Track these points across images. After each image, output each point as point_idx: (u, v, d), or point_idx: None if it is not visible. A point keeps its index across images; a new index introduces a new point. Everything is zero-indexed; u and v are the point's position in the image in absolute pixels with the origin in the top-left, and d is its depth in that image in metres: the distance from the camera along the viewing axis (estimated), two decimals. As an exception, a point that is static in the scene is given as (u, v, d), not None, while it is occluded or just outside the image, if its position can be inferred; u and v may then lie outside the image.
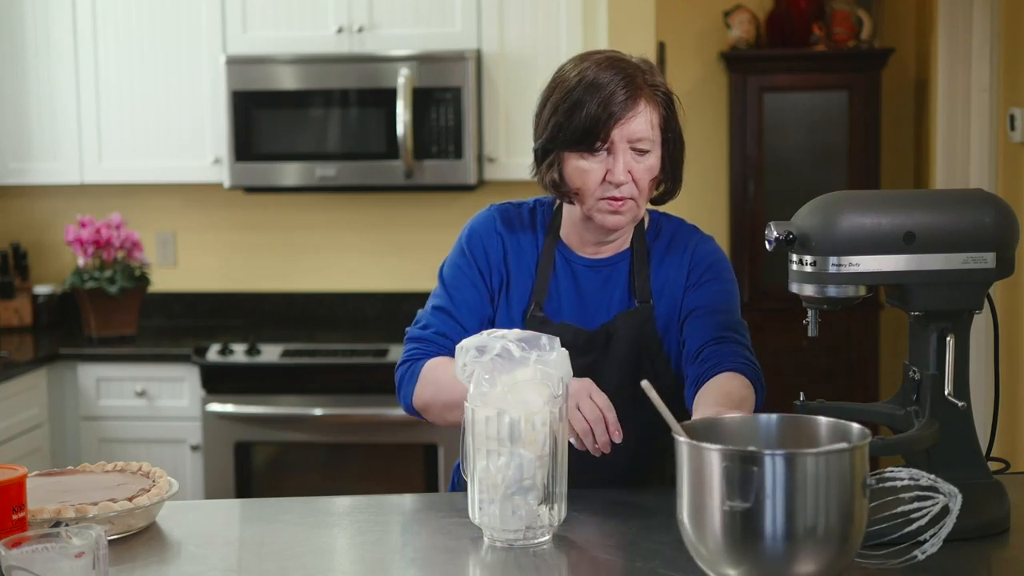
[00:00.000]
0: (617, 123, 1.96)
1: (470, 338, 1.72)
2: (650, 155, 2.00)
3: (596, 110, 1.96)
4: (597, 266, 2.11)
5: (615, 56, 2.03)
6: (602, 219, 2.02)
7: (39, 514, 1.71)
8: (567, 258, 2.11)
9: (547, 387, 1.68)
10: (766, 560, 1.41)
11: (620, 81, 1.97)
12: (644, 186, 2.01)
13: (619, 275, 2.11)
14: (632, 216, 2.03)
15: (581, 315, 2.08)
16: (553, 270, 2.10)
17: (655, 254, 2.12)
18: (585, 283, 2.10)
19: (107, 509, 1.74)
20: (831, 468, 1.41)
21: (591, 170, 1.99)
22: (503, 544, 1.70)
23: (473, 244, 2.14)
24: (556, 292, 2.09)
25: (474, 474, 1.70)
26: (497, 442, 1.67)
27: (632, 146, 1.98)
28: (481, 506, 1.70)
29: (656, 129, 2.00)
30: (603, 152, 1.98)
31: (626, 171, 1.98)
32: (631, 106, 1.96)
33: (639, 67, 2.01)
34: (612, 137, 1.97)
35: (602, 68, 1.99)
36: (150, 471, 1.92)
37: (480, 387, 1.69)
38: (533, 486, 1.68)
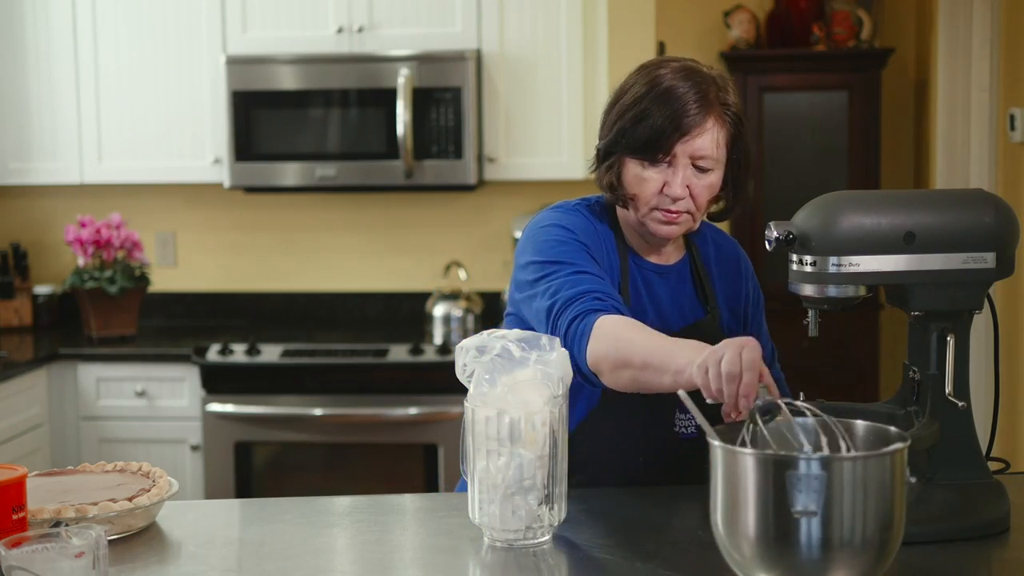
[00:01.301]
0: (682, 139, 1.94)
1: (470, 338, 1.72)
2: (712, 173, 1.98)
3: (663, 123, 1.93)
4: (665, 272, 2.09)
5: (691, 68, 1.98)
6: (655, 228, 2.00)
7: (39, 514, 1.71)
8: (639, 264, 2.08)
9: (547, 387, 1.68)
10: (801, 566, 1.39)
11: (692, 96, 1.93)
12: (702, 203, 1.99)
13: (683, 281, 2.10)
14: (686, 228, 2.03)
15: (659, 321, 2.03)
16: (630, 276, 2.06)
17: (709, 261, 2.13)
18: (657, 289, 2.07)
19: (107, 509, 1.74)
20: (869, 472, 1.39)
21: (650, 180, 1.97)
22: (503, 544, 1.70)
23: (581, 233, 1.99)
24: (636, 294, 2.05)
25: (474, 474, 1.70)
26: (497, 442, 1.67)
27: (694, 162, 1.96)
28: (481, 506, 1.70)
29: (721, 148, 1.98)
30: (664, 164, 1.96)
31: (684, 186, 1.96)
32: (699, 123, 1.93)
33: (715, 82, 1.97)
34: (675, 151, 1.95)
35: (677, 79, 1.95)
36: (150, 471, 1.92)
37: (480, 387, 1.69)
38: (533, 486, 1.67)
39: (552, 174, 4.30)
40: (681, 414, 2.01)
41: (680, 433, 2.02)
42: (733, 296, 2.13)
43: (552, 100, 4.25)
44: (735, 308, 2.13)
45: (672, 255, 2.10)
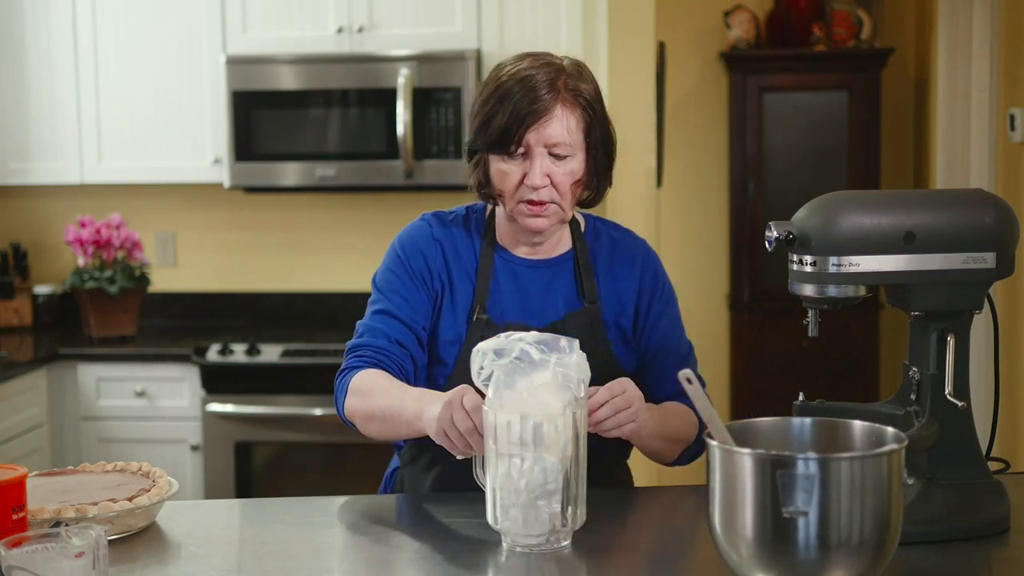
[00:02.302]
0: (530, 128, 1.97)
1: (487, 341, 1.72)
2: (571, 160, 2.00)
3: (511, 114, 1.96)
4: (539, 266, 2.11)
5: (539, 58, 2.02)
6: (524, 221, 2.03)
7: (39, 514, 1.71)
8: (507, 259, 2.11)
9: (567, 389, 1.67)
10: (799, 567, 1.39)
11: (537, 84, 1.97)
12: (565, 190, 2.01)
13: (564, 275, 2.11)
14: (557, 219, 2.04)
15: (526, 315, 2.07)
16: (493, 272, 2.09)
17: (600, 257, 2.13)
18: (527, 283, 2.09)
19: (107, 509, 1.74)
20: (867, 472, 1.39)
21: (510, 173, 2.01)
22: (524, 549, 1.69)
23: (410, 252, 2.11)
24: (498, 293, 2.08)
25: (495, 479, 1.69)
26: (520, 446, 1.66)
27: (550, 150, 1.98)
28: (502, 511, 1.69)
29: (576, 134, 1.99)
30: (520, 156, 1.99)
31: (543, 175, 1.98)
32: (546, 110, 1.96)
33: (564, 70, 2.00)
34: (527, 141, 1.97)
35: (523, 70, 1.99)
36: (150, 471, 1.92)
37: (499, 391, 1.68)
38: (556, 489, 1.66)
39: (552, 174, 4.30)
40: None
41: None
42: (625, 291, 2.12)
43: (552, 100, 4.24)
44: (625, 303, 2.11)
45: (552, 250, 2.12)
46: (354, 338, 2.10)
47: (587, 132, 2.01)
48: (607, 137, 2.06)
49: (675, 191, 5.31)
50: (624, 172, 4.08)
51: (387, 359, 2.04)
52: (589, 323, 2.07)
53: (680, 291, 5.88)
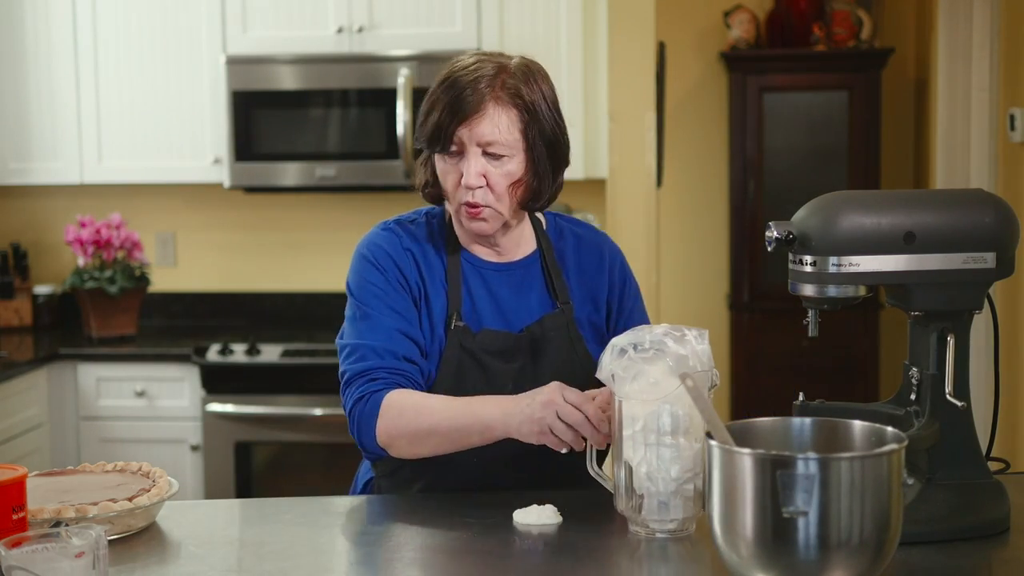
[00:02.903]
0: (460, 125, 1.94)
1: (621, 336, 1.74)
2: (509, 160, 1.96)
3: (444, 111, 1.95)
4: (507, 269, 2.08)
5: (483, 57, 1.99)
6: (467, 224, 2.00)
7: (39, 514, 1.71)
8: (474, 264, 2.07)
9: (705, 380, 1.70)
10: (799, 567, 1.39)
11: (471, 82, 1.94)
12: (501, 191, 1.97)
13: (533, 276, 2.08)
14: (498, 222, 2.00)
15: (501, 320, 2.04)
16: (463, 278, 2.05)
17: (567, 255, 2.10)
18: (498, 287, 2.06)
19: (107, 509, 1.74)
20: (867, 472, 1.39)
21: (448, 172, 1.99)
22: (663, 535, 1.72)
23: (385, 262, 2.03)
24: (470, 299, 2.04)
25: (636, 469, 1.71)
26: (670, 435, 1.70)
27: (484, 149, 1.95)
28: (646, 500, 1.71)
29: (512, 134, 1.95)
30: (458, 155, 1.97)
31: (478, 175, 1.95)
32: (476, 108, 1.93)
33: (505, 69, 1.97)
34: (460, 139, 1.95)
35: (462, 70, 1.97)
36: (150, 471, 1.92)
37: (633, 383, 1.71)
38: (695, 476, 1.70)
39: (552, 174, 4.30)
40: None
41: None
42: (595, 288, 2.10)
43: (552, 100, 4.24)
44: (597, 300, 2.10)
45: (516, 251, 2.09)
46: (351, 361, 1.99)
47: (524, 132, 1.97)
48: (553, 140, 2.00)
49: (675, 191, 5.31)
50: (624, 172, 4.08)
51: (405, 378, 1.96)
52: (565, 324, 2.05)
53: (680, 291, 5.88)
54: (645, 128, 4.06)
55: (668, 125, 5.07)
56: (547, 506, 1.82)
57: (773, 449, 1.50)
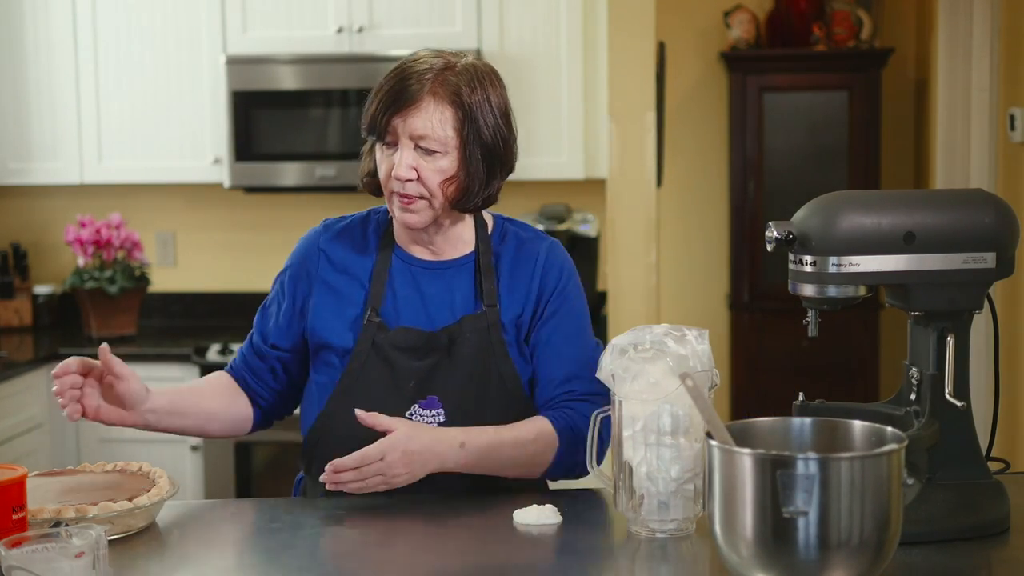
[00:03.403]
0: (396, 115, 1.95)
1: (622, 336, 1.74)
2: (441, 157, 1.97)
3: (382, 100, 1.97)
4: (438, 268, 2.08)
5: (431, 54, 2.01)
6: (398, 216, 2.02)
7: (39, 514, 1.71)
8: (406, 261, 2.08)
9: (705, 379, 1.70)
10: (799, 567, 1.39)
11: (412, 75, 1.96)
12: (432, 187, 1.98)
13: (463, 277, 2.08)
14: (428, 216, 2.01)
15: (422, 318, 2.04)
16: (389, 275, 2.07)
17: (504, 259, 2.09)
18: (426, 286, 2.07)
19: (107, 509, 1.74)
20: (867, 472, 1.39)
21: (383, 162, 2.01)
22: (663, 535, 1.72)
23: (293, 263, 2.15)
24: (393, 297, 2.06)
25: (636, 469, 1.71)
26: (670, 435, 1.70)
27: (416, 143, 1.96)
28: (642, 501, 1.71)
29: (447, 131, 1.96)
30: (393, 146, 1.98)
31: (408, 167, 1.96)
32: (412, 100, 1.95)
33: (451, 67, 1.98)
34: (395, 129, 1.96)
35: (410, 62, 1.99)
36: (150, 471, 1.92)
37: (633, 382, 1.71)
38: (695, 476, 1.70)
39: (552, 174, 4.30)
40: (422, 409, 2.00)
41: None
42: (526, 292, 2.07)
43: (552, 100, 4.25)
44: (526, 304, 2.07)
45: (452, 251, 2.09)
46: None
47: (459, 131, 1.97)
48: (491, 145, 2.00)
49: (675, 191, 5.31)
50: (624, 172, 4.08)
51: (245, 375, 2.15)
52: (486, 327, 2.03)
53: (680, 291, 5.87)
54: (645, 128, 4.06)
55: (668, 125, 5.07)
56: (547, 506, 1.82)
57: (773, 449, 1.50)
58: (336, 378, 2.04)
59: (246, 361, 2.15)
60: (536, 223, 4.35)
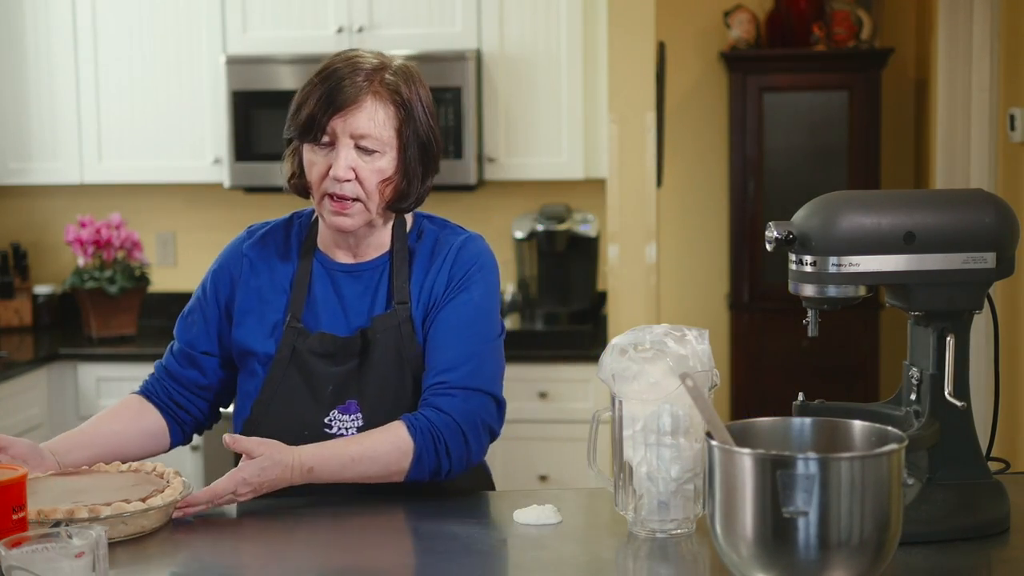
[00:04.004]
0: (336, 114, 1.93)
1: (621, 336, 1.74)
2: (380, 157, 1.96)
3: (319, 101, 1.94)
4: (357, 271, 2.06)
5: (363, 54, 2.00)
6: (330, 220, 1.99)
7: (52, 514, 1.71)
8: (326, 266, 2.07)
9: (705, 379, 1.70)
10: (799, 567, 1.39)
11: (349, 74, 1.95)
12: (371, 188, 1.96)
13: (380, 278, 2.06)
14: (363, 219, 1.99)
15: (340, 322, 2.03)
16: (310, 281, 2.06)
17: (419, 257, 2.06)
18: (346, 290, 2.05)
19: (120, 510, 1.73)
20: (867, 472, 1.39)
21: (316, 163, 1.98)
22: (663, 535, 1.72)
23: (215, 269, 2.15)
24: (313, 302, 2.04)
25: (636, 469, 1.72)
26: (670, 435, 1.70)
27: (357, 143, 1.95)
28: (642, 501, 1.72)
29: (387, 130, 1.96)
30: (328, 146, 1.96)
31: (348, 168, 1.94)
32: (353, 100, 1.93)
33: (385, 67, 1.98)
34: (334, 129, 1.94)
35: (340, 63, 1.97)
36: (164, 472, 1.92)
37: (633, 382, 1.71)
38: (695, 476, 1.71)
39: (552, 174, 4.30)
40: (341, 414, 1.99)
41: (337, 434, 1.99)
42: (432, 286, 2.03)
43: (552, 100, 4.25)
44: (432, 296, 2.03)
45: (372, 253, 2.07)
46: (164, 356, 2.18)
47: (399, 130, 1.97)
48: (427, 143, 2.00)
49: (675, 191, 5.32)
50: (624, 172, 4.08)
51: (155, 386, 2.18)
52: (397, 325, 2.01)
53: (680, 291, 5.86)
54: (645, 128, 4.06)
55: (668, 125, 5.07)
56: (547, 506, 1.82)
57: (773, 449, 1.50)
58: (259, 386, 2.04)
59: (168, 373, 2.15)
60: (536, 223, 4.35)
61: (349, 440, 1.95)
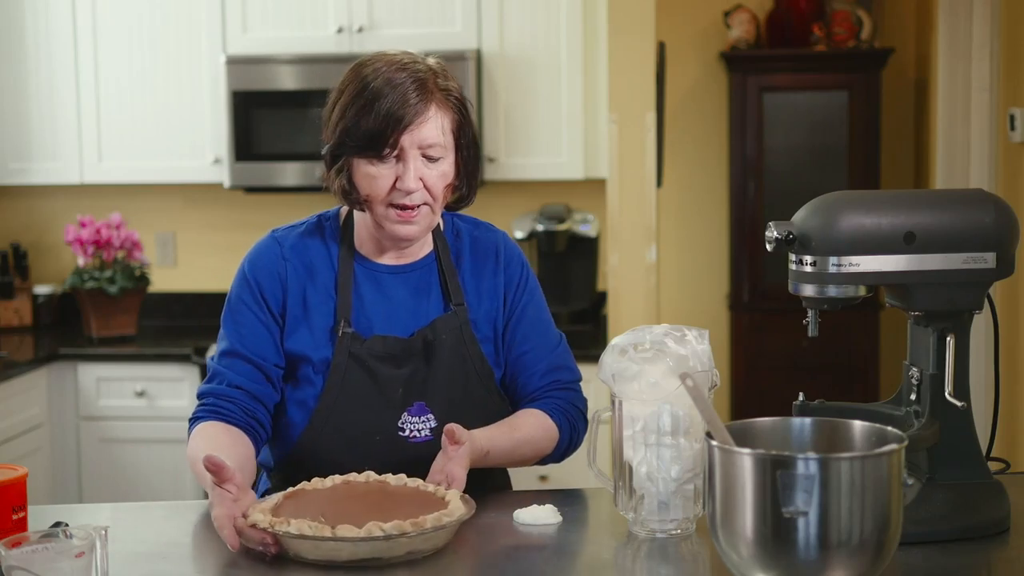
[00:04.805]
0: (406, 129, 1.89)
1: (621, 336, 1.74)
2: (443, 161, 1.93)
3: (384, 116, 1.88)
4: (403, 272, 2.04)
5: (406, 58, 1.95)
6: (392, 229, 1.95)
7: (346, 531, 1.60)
8: (368, 267, 2.03)
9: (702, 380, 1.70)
10: (799, 567, 1.39)
11: (410, 85, 1.89)
12: (437, 193, 1.94)
13: (429, 279, 2.04)
14: (426, 224, 1.97)
15: (393, 325, 2.00)
16: (354, 283, 2.01)
17: (463, 256, 2.07)
18: (393, 291, 2.02)
19: (420, 526, 1.61)
20: (867, 472, 1.39)
21: (380, 176, 1.92)
22: (663, 535, 1.72)
23: (260, 276, 2.03)
24: (361, 305, 2.00)
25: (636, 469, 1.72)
26: (670, 435, 1.70)
27: (423, 152, 1.91)
28: (642, 501, 1.72)
29: (448, 135, 1.94)
30: (392, 159, 1.91)
31: (417, 178, 1.91)
32: (421, 112, 1.89)
33: (431, 69, 1.94)
34: (401, 143, 1.90)
35: (392, 71, 1.91)
36: (417, 484, 1.80)
37: (633, 382, 1.71)
38: (695, 476, 1.71)
39: (552, 174, 4.30)
40: (411, 416, 1.98)
41: (409, 437, 1.98)
42: (491, 287, 2.05)
43: (552, 100, 4.25)
44: (494, 299, 2.05)
45: (414, 253, 2.05)
46: (204, 381, 2.03)
47: (458, 133, 1.96)
48: (475, 137, 2.00)
49: (675, 191, 5.32)
50: (624, 172, 4.08)
51: (230, 405, 1.96)
52: (458, 326, 2.01)
53: (680, 291, 5.85)
54: (645, 128, 4.06)
55: (668, 125, 5.07)
56: (547, 506, 1.82)
57: (773, 449, 1.50)
58: (316, 393, 1.98)
59: (247, 393, 1.97)
60: (536, 223, 4.35)
61: (507, 426, 1.99)
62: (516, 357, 2.07)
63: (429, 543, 1.64)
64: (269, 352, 2.00)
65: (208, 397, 1.99)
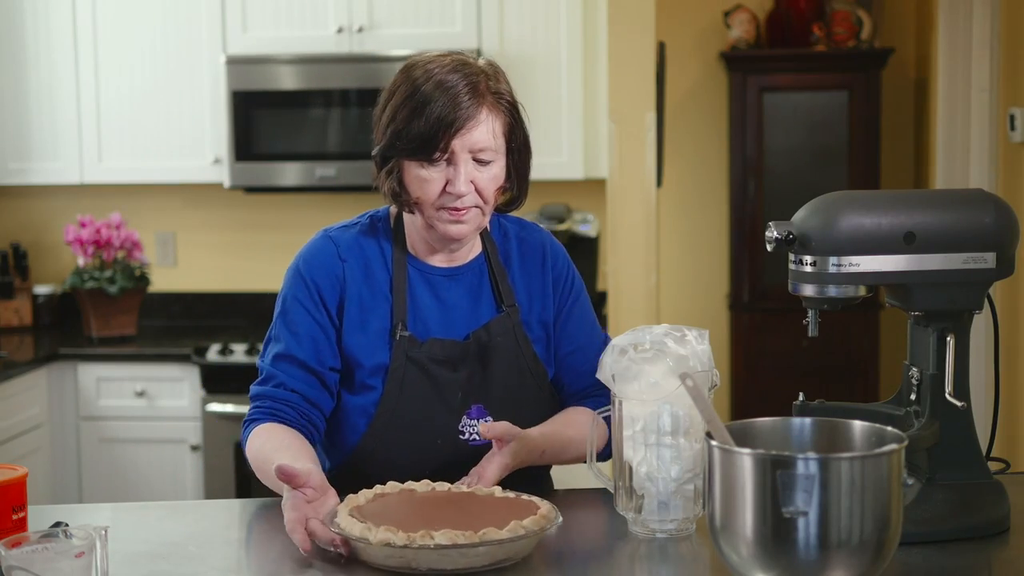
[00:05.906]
0: (457, 133, 1.87)
1: (621, 336, 1.74)
2: (494, 164, 1.91)
3: (435, 120, 1.86)
4: (455, 274, 2.02)
5: (459, 60, 1.92)
6: (444, 228, 1.93)
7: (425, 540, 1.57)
8: (421, 270, 2.01)
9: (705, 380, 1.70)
10: (799, 567, 1.39)
11: (462, 88, 1.87)
12: (488, 196, 1.92)
13: (480, 280, 2.03)
14: (476, 225, 1.95)
15: (448, 327, 1.99)
16: (409, 286, 1.99)
17: (512, 256, 2.06)
18: (445, 293, 2.00)
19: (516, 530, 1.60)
20: (867, 472, 1.39)
21: (431, 180, 1.90)
22: (663, 535, 1.72)
23: (316, 276, 1.99)
24: (415, 307, 1.98)
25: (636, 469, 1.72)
26: (670, 435, 1.70)
27: (474, 156, 1.89)
28: (642, 501, 1.72)
29: (499, 138, 1.92)
30: (443, 162, 1.89)
31: (468, 182, 1.89)
32: (472, 115, 1.87)
33: (484, 72, 1.92)
34: (452, 147, 1.87)
35: (444, 73, 1.88)
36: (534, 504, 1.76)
37: (633, 382, 1.71)
38: (695, 476, 1.71)
39: (552, 174, 4.30)
40: (471, 419, 1.97)
41: (469, 440, 1.97)
42: (540, 288, 2.05)
43: (552, 100, 4.25)
44: (545, 300, 2.05)
45: (465, 255, 2.03)
46: (256, 381, 2.00)
47: (509, 136, 1.94)
48: (526, 140, 1.99)
49: (675, 191, 5.32)
50: (624, 172, 4.08)
51: (286, 408, 1.95)
52: (511, 328, 2.00)
53: (680, 291, 5.85)
54: (645, 128, 4.06)
55: (668, 125, 5.07)
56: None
57: (773, 449, 1.50)
58: (375, 398, 1.96)
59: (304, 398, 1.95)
60: (536, 223, 4.35)
61: (560, 423, 2.00)
62: (563, 356, 2.07)
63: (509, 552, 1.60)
64: (325, 355, 1.97)
65: (264, 400, 1.96)
